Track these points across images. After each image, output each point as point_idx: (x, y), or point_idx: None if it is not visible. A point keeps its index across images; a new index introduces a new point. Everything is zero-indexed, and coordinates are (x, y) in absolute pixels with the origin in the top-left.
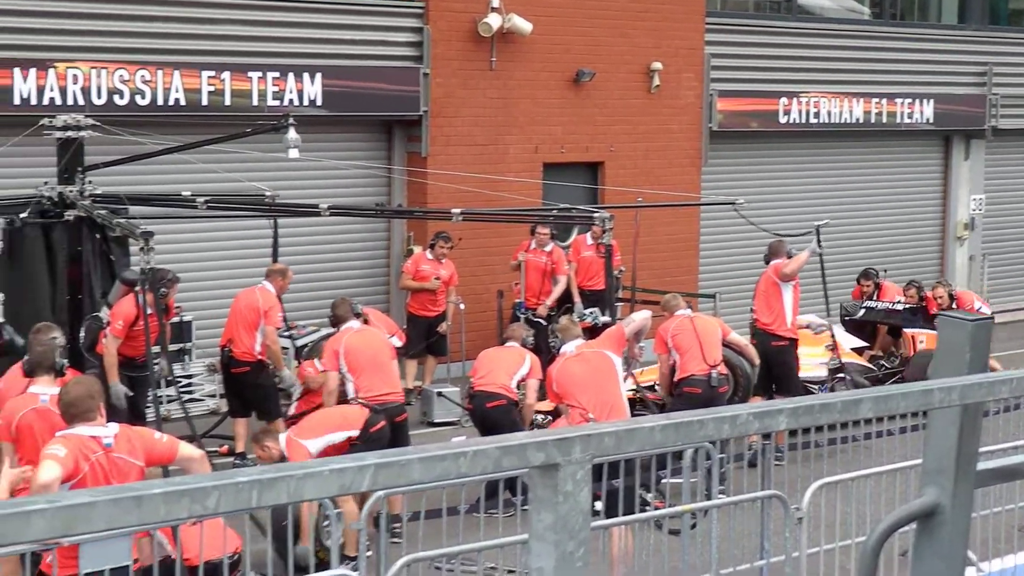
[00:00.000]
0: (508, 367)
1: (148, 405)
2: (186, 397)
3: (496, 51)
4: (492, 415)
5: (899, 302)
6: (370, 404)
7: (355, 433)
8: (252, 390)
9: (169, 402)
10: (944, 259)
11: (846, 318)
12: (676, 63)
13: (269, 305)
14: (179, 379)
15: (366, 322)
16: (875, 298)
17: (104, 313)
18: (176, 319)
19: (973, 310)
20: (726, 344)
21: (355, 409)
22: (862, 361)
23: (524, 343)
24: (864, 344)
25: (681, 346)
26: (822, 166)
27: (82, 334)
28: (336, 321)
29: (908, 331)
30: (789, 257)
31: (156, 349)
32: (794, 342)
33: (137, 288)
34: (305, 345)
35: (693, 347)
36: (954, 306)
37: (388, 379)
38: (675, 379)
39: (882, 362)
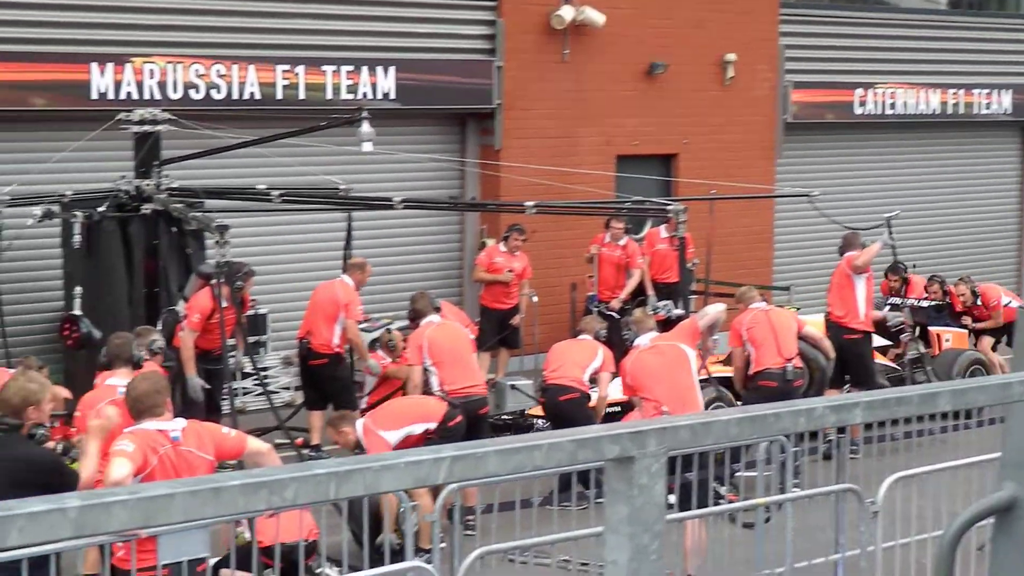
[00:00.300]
0: (581, 360)
1: (224, 398)
2: (265, 388)
3: (569, 43)
4: (565, 408)
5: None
6: (450, 398)
7: (433, 426)
8: (329, 382)
9: (245, 394)
10: (1022, 251)
11: None
12: (750, 55)
13: (349, 299)
14: (255, 371)
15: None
16: (903, 294)
17: (181, 306)
18: (251, 312)
19: (999, 306)
20: (801, 337)
21: (434, 401)
22: (886, 361)
23: (597, 336)
24: (888, 343)
25: (756, 339)
26: (898, 158)
27: (159, 327)
28: (416, 315)
29: (933, 329)
30: (863, 249)
31: (232, 342)
32: (868, 335)
33: (213, 281)
34: (377, 339)
35: (768, 340)
36: (979, 302)
37: (470, 372)
38: (750, 372)
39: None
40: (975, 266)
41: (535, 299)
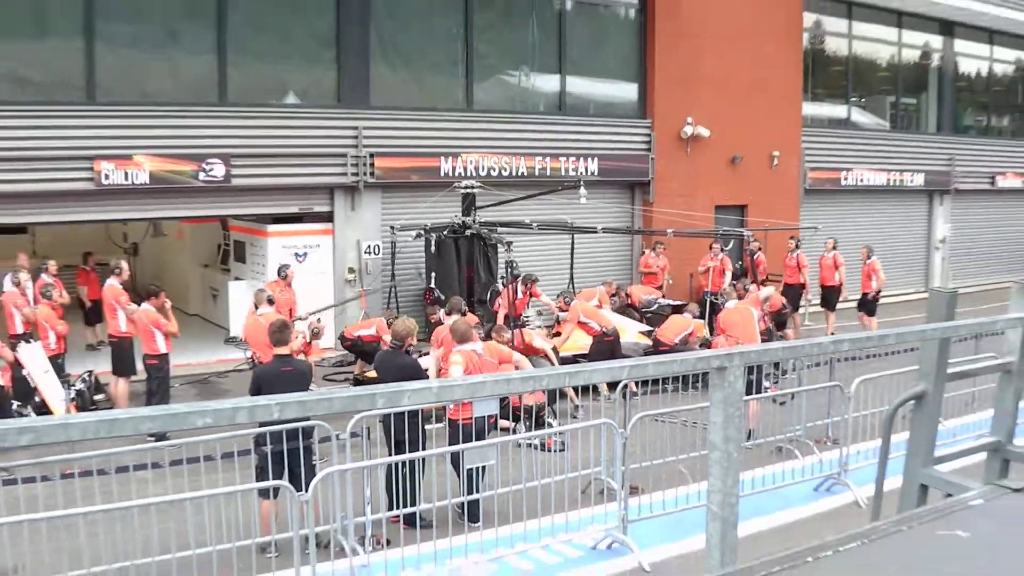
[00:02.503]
0: (678, 328)
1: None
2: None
3: (690, 145)
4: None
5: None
6: (603, 328)
7: (591, 340)
8: None
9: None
10: (928, 266)
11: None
12: (786, 151)
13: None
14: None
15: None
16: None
17: (500, 286)
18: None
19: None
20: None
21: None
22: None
23: (693, 315)
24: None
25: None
26: (862, 209)
27: (488, 297)
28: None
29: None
30: None
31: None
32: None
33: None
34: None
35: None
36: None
37: (608, 321)
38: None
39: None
40: (893, 275)
41: (670, 282)
